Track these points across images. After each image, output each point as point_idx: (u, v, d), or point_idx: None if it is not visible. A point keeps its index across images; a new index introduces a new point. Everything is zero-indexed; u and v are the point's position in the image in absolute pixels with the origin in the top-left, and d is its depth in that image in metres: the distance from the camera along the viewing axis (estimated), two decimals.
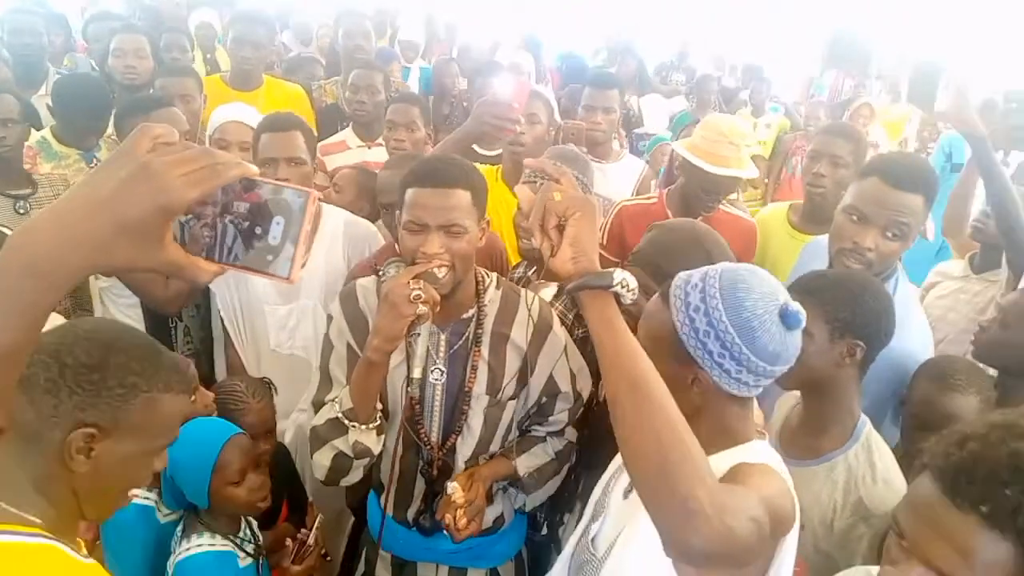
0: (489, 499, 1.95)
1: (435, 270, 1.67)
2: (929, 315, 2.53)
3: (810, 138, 3.85)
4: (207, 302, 2.71)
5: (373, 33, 4.38)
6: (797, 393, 1.85)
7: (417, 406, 1.87)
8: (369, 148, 3.54)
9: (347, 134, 3.64)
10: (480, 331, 1.86)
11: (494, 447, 1.95)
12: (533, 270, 2.37)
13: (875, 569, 1.33)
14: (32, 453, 1.02)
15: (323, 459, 1.78)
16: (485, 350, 1.86)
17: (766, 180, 5.46)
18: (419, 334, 1.72)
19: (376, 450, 1.79)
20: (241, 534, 1.87)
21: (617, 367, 1.08)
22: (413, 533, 1.98)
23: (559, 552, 1.80)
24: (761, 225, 2.93)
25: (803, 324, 1.25)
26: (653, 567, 1.23)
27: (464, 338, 1.86)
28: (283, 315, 2.51)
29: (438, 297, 1.64)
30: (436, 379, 1.86)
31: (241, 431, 1.86)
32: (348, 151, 3.52)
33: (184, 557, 1.76)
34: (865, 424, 1.74)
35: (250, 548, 1.87)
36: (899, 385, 1.96)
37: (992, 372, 2.09)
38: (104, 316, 2.65)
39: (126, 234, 0.75)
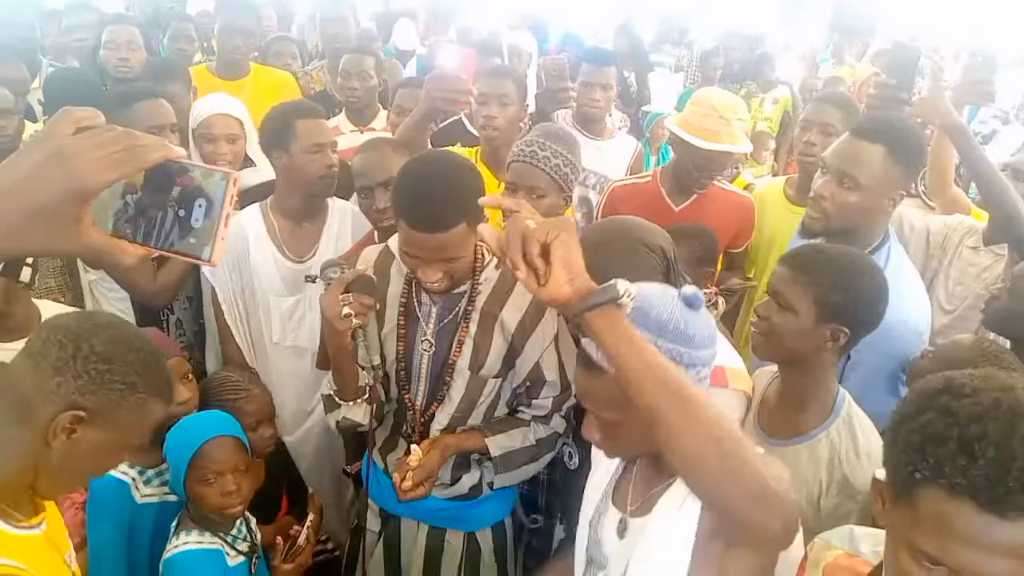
0: (467, 466, 2.03)
1: (371, 272, 1.80)
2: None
3: None
4: (199, 294, 2.69)
5: (352, 17, 4.30)
6: (774, 368, 1.81)
7: (403, 372, 1.95)
8: (362, 133, 3.51)
9: (340, 119, 3.61)
10: (471, 308, 1.89)
11: (474, 420, 1.99)
12: None
13: (859, 529, 1.32)
14: (12, 418, 1.09)
15: (331, 423, 2.01)
16: (473, 327, 1.90)
17: (774, 159, 5.40)
18: (364, 339, 1.79)
19: (365, 421, 1.92)
20: (234, 531, 1.85)
21: (651, 377, 1.05)
22: None
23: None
24: (758, 199, 2.91)
25: (703, 301, 1.25)
26: None
27: (454, 313, 1.91)
28: (290, 306, 2.49)
29: (371, 302, 1.75)
30: (424, 349, 1.93)
31: (230, 434, 1.83)
32: (341, 136, 3.48)
33: (171, 555, 1.75)
34: (844, 398, 1.71)
35: (244, 546, 1.85)
36: (893, 354, 1.92)
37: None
38: (95, 309, 2.64)
39: (38, 219, 0.74)
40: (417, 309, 1.92)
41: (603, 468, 1.51)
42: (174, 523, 1.82)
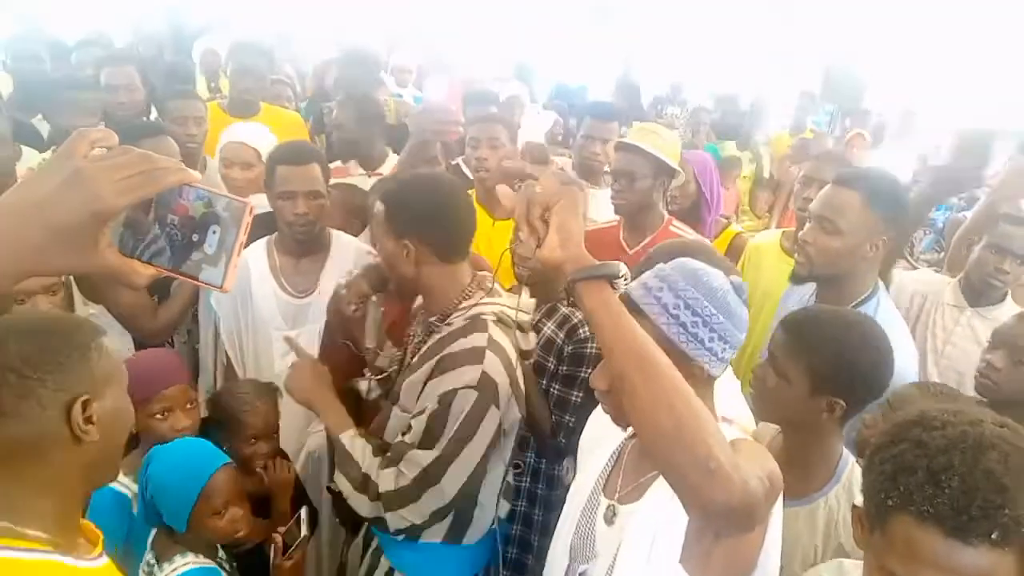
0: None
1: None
2: (921, 348, 2.54)
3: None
4: (198, 328, 2.71)
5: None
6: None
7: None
8: (369, 176, 3.56)
9: (353, 162, 3.64)
10: (423, 343, 1.92)
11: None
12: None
13: (848, 561, 1.37)
14: (34, 461, 1.04)
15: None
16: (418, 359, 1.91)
17: (768, 212, 5.55)
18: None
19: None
20: (220, 554, 1.84)
21: (621, 344, 1.10)
22: None
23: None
24: (754, 252, 2.98)
25: (747, 293, 1.36)
26: (659, 574, 1.26)
27: (413, 337, 2.01)
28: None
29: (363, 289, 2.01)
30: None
31: (230, 461, 1.82)
32: (350, 178, 3.54)
33: None
34: (847, 463, 1.70)
35: (227, 567, 1.83)
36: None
37: None
38: None
39: (59, 239, 0.76)
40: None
41: (590, 468, 1.56)
42: (149, 556, 1.77)
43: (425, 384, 1.81)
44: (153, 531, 1.80)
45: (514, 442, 1.99)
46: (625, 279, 1.16)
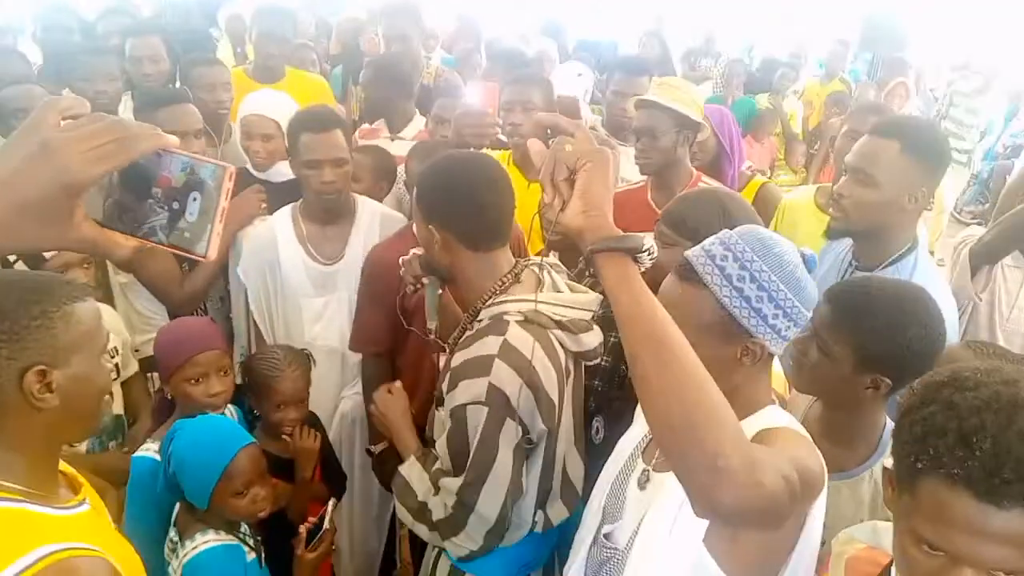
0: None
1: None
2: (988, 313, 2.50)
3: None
4: (229, 295, 2.73)
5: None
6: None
7: None
8: (392, 140, 3.54)
9: (381, 122, 3.62)
10: (457, 341, 1.83)
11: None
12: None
13: (882, 523, 1.32)
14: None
15: None
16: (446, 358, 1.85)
17: (804, 166, 5.44)
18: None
19: None
20: (243, 530, 1.84)
21: (637, 324, 1.02)
22: None
23: None
24: (788, 210, 2.91)
25: (816, 266, 1.29)
26: (681, 547, 1.22)
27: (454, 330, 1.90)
28: (319, 307, 2.53)
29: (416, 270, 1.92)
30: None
31: (254, 440, 1.82)
32: (380, 140, 3.52)
33: (196, 553, 1.72)
34: (891, 433, 1.65)
35: (251, 542, 1.84)
36: None
37: None
38: (127, 311, 2.67)
39: (29, 215, 0.73)
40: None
41: (638, 429, 1.51)
42: (173, 535, 1.79)
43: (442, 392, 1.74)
44: (176, 506, 1.82)
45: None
46: (650, 253, 1.05)
